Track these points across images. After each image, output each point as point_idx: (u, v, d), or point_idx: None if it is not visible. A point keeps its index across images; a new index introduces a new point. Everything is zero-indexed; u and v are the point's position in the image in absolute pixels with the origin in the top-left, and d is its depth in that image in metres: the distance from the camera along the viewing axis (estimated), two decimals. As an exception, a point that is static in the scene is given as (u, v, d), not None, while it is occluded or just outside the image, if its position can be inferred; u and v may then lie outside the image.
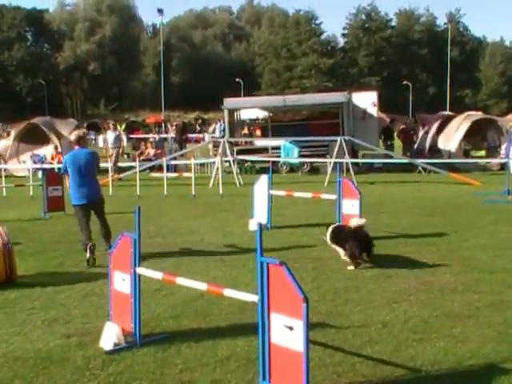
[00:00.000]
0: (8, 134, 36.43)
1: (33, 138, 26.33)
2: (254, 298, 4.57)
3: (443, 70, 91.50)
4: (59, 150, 25.12)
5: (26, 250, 10.07)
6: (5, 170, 20.49)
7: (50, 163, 23.48)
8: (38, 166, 21.33)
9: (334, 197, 11.14)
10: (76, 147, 9.88)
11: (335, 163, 19.24)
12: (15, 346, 5.86)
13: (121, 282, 5.81)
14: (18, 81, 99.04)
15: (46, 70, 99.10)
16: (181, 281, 5.50)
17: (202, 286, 5.28)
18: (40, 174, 20.11)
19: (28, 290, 7.71)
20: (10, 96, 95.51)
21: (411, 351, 5.55)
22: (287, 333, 4.25)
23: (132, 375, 5.14)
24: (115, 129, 25.61)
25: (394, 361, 5.33)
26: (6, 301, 7.30)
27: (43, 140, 26.11)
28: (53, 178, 14.62)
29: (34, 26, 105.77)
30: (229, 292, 4.98)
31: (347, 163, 20.65)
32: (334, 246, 9.14)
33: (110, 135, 25.02)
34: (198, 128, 47.05)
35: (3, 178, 18.88)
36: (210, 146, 27.47)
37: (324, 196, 12.05)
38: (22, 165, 24.74)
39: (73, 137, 10.14)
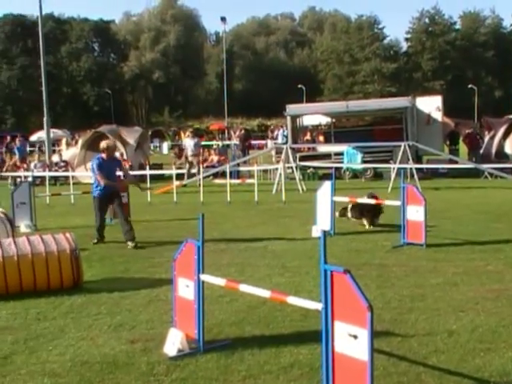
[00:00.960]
0: (76, 143, 37.27)
1: (99, 145, 26.82)
2: (317, 305, 4.53)
3: (510, 73, 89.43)
4: (124, 157, 25.54)
5: (93, 255, 10.26)
6: (73, 177, 20.94)
7: (116, 170, 23.89)
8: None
9: (398, 203, 11.00)
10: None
11: (399, 169, 19.02)
12: (82, 350, 5.96)
13: (185, 289, 5.85)
14: (86, 90, 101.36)
15: (112, 79, 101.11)
16: (244, 288, 5.50)
17: (265, 293, 5.27)
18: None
19: (94, 295, 7.84)
20: (78, 105, 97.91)
21: (478, 361, 5.41)
22: (351, 341, 4.20)
23: (195, 381, 5.16)
24: (194, 136, 25.81)
25: (460, 371, 5.20)
26: (73, 306, 7.44)
27: (109, 148, 26.58)
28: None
29: (100, 37, 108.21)
30: (292, 299, 4.96)
31: (411, 169, 20.37)
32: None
33: (189, 142, 25.20)
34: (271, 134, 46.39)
35: (71, 185, 19.29)
36: (273, 152, 27.50)
37: (388, 202, 11.91)
38: (89, 172, 25.24)
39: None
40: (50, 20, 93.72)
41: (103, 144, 12.31)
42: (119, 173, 12.72)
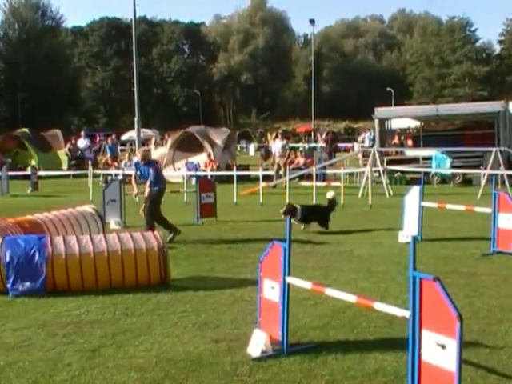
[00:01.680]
0: (165, 142, 37.99)
1: (188, 145, 27.29)
2: (405, 313, 4.46)
3: None
4: (212, 157, 25.85)
5: (180, 254, 10.42)
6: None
7: (204, 170, 24.22)
8: (192, 173, 22.03)
9: (488, 210, 10.70)
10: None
11: (490, 175, 18.49)
12: (167, 347, 6.05)
13: (270, 290, 5.86)
14: (175, 91, 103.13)
15: (201, 80, 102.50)
16: (330, 292, 5.47)
17: (351, 297, 5.22)
18: (194, 180, 20.83)
19: (181, 293, 7.96)
20: (167, 106, 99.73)
21: None
22: (439, 351, 4.11)
23: (278, 383, 5.17)
24: (283, 138, 25.90)
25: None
26: (160, 303, 7.58)
27: (197, 148, 26.98)
28: (206, 185, 15.06)
29: (191, 39, 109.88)
30: (379, 306, 4.89)
31: (502, 175, 19.77)
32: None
33: (278, 144, 25.31)
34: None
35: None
36: (360, 155, 27.24)
37: (478, 209, 11.59)
38: (177, 172, 25.70)
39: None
40: (142, 23, 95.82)
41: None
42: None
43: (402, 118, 28.01)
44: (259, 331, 5.90)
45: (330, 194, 13.44)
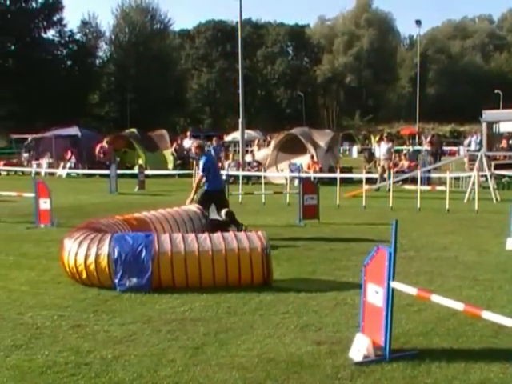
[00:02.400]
0: (268, 144, 38.26)
1: (291, 147, 27.36)
2: (514, 323, 4.30)
3: None
4: (315, 159, 25.81)
5: (282, 255, 10.44)
6: (264, 177, 21.49)
7: (306, 172, 24.20)
8: (295, 174, 22.06)
9: None
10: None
11: None
12: (269, 347, 6.07)
13: (374, 295, 5.78)
14: (279, 93, 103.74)
15: (304, 82, 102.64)
16: (436, 298, 5.34)
17: (458, 305, 5.08)
18: (296, 182, 20.86)
19: (283, 294, 7.98)
20: (271, 107, 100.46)
21: None
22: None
23: (381, 389, 5.10)
24: (388, 140, 25.63)
25: None
26: (262, 303, 7.62)
27: (300, 149, 27.00)
28: (309, 186, 15.04)
29: (295, 41, 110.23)
30: (487, 314, 4.74)
31: None
32: None
33: (383, 146, 25.09)
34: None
35: (263, 185, 19.80)
36: (466, 159, 26.51)
37: None
38: (280, 173, 25.82)
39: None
40: (248, 25, 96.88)
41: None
42: None
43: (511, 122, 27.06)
44: (362, 336, 5.83)
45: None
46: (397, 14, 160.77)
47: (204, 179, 12.59)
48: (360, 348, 5.70)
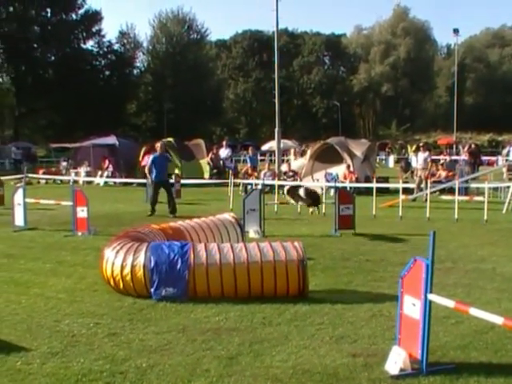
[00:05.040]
0: (304, 153, 38.18)
1: (327, 157, 27.25)
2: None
3: None
4: (351, 169, 25.67)
5: (317, 265, 10.39)
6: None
7: (342, 182, 24.09)
8: (331, 184, 21.96)
9: None
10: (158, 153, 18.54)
11: None
12: (303, 359, 6.03)
13: (411, 307, 5.71)
14: (315, 102, 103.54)
15: (340, 91, 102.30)
16: (474, 311, 5.25)
17: (496, 318, 4.99)
18: (332, 192, 20.76)
19: (318, 305, 7.93)
20: (307, 117, 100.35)
21: None
22: None
23: (418, 403, 5.03)
24: (425, 150, 25.39)
25: None
26: (297, 314, 7.58)
27: (337, 159, 26.88)
28: (345, 196, 14.95)
29: (331, 51, 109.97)
30: (527, 329, 4.65)
31: None
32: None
33: (420, 156, 24.88)
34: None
35: (298, 195, 19.73)
36: (504, 169, 26.12)
37: None
38: (316, 183, 25.72)
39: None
40: (284, 35, 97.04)
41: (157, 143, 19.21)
42: None
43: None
44: (398, 348, 5.76)
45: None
46: (434, 22, 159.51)
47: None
48: (396, 361, 5.63)
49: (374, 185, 19.64)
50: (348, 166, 25.93)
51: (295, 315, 7.52)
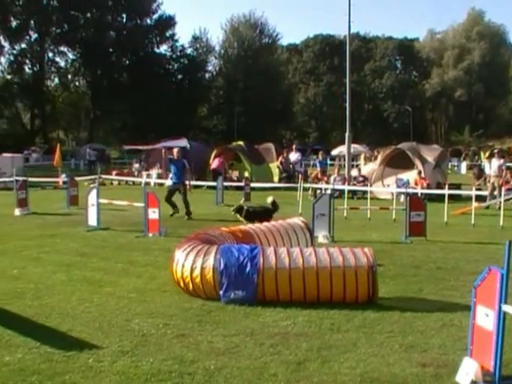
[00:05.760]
0: (374, 158, 37.84)
1: (398, 162, 26.93)
2: None
3: None
4: (423, 175, 25.29)
5: (387, 272, 10.25)
6: (370, 192, 21.24)
7: (414, 188, 23.75)
8: (402, 190, 21.67)
9: None
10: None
11: None
12: (372, 366, 5.96)
13: (484, 318, 5.56)
14: (386, 107, 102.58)
15: (412, 96, 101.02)
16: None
17: None
18: (403, 198, 20.50)
19: (387, 312, 7.82)
20: (378, 121, 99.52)
21: None
22: None
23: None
24: (500, 157, 24.83)
25: None
26: (366, 321, 7.49)
27: (408, 165, 26.53)
28: (416, 203, 14.72)
29: (403, 55, 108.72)
30: None
31: None
32: None
33: (494, 163, 24.33)
34: None
35: (368, 200, 19.57)
36: None
37: None
38: (386, 188, 25.45)
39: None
40: (356, 39, 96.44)
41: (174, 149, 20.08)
42: None
43: None
44: (470, 359, 5.62)
45: (270, 199, 14.70)
46: (510, 26, 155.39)
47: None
48: (468, 372, 5.49)
49: (446, 191, 19.28)
50: (419, 172, 25.55)
51: (364, 322, 7.44)
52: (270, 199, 14.64)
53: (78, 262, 11.16)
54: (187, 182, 18.96)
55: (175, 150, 19.63)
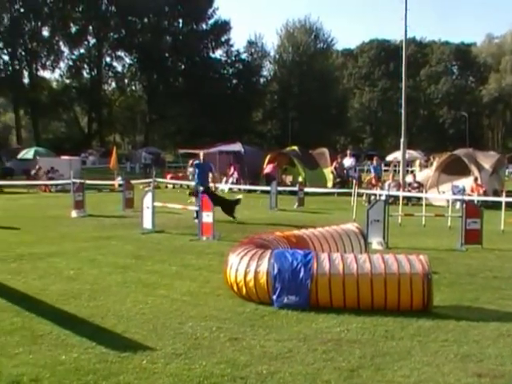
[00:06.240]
0: (430, 164, 37.37)
1: (453, 169, 26.55)
2: None
3: None
4: (479, 182, 24.87)
5: (442, 280, 10.10)
6: (425, 198, 20.98)
7: (470, 195, 23.36)
8: (458, 197, 21.33)
9: None
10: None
11: None
12: (426, 375, 5.88)
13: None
14: (442, 113, 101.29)
15: (469, 102, 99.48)
16: None
17: None
18: (458, 205, 20.18)
19: (442, 321, 7.71)
20: (434, 127, 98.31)
21: None
22: None
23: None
24: None
25: None
26: (421, 329, 7.40)
27: (464, 171, 26.13)
28: (472, 210, 14.48)
29: (460, 60, 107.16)
30: None
31: None
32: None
33: None
34: None
35: (423, 207, 19.33)
36: None
37: None
38: (442, 195, 25.10)
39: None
40: (411, 44, 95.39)
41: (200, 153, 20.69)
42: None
43: None
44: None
45: (239, 196, 18.40)
46: None
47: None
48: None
49: (503, 199, 18.91)
50: (475, 179, 25.15)
51: (418, 330, 7.35)
52: (239, 196, 17.29)
53: (133, 264, 11.32)
54: (212, 185, 19.53)
55: (201, 154, 20.25)
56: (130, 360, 6.16)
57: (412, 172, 36.33)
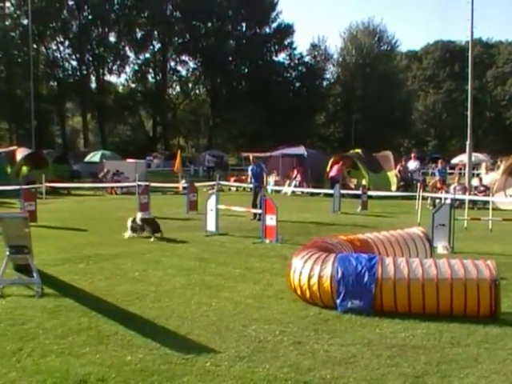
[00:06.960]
0: (497, 168, 36.56)
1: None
2: None
3: None
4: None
5: (510, 286, 9.82)
6: (492, 202, 20.54)
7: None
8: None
9: None
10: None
11: None
12: (494, 383, 5.76)
13: None
14: (509, 115, 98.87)
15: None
16: None
17: None
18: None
19: (510, 328, 7.53)
20: (500, 130, 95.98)
21: None
22: None
23: None
24: None
25: None
26: (488, 336, 7.25)
27: (532, 175, 25.53)
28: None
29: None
30: None
31: None
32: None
33: None
34: None
35: (490, 211, 18.91)
36: None
37: None
38: (509, 199, 24.54)
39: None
40: (477, 45, 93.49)
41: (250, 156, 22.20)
42: None
43: None
44: None
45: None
46: None
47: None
48: None
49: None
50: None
51: (485, 337, 7.20)
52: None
53: (197, 267, 11.42)
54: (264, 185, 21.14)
55: (251, 158, 21.82)
56: (193, 362, 6.23)
57: (478, 175, 35.64)
